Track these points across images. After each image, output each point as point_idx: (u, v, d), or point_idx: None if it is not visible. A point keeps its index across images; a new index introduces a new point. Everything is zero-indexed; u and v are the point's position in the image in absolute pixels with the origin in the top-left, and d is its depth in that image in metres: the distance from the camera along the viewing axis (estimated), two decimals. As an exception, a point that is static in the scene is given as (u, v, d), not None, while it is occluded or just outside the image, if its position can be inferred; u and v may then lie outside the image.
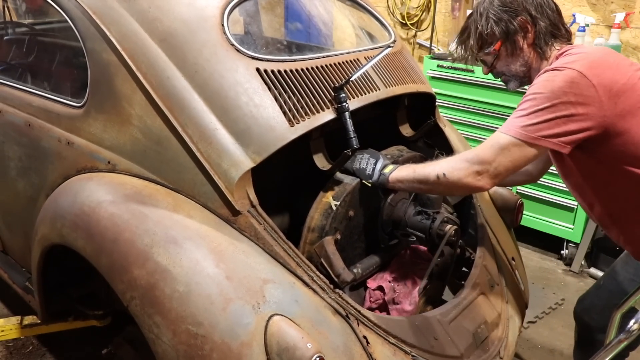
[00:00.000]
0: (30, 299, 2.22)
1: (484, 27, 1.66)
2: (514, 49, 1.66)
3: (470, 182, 1.56)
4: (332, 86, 1.78)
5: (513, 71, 1.70)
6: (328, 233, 1.73)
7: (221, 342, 1.41)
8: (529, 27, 1.64)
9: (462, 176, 1.56)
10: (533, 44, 1.65)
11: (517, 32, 1.64)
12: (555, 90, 1.46)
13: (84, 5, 1.86)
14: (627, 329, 1.56)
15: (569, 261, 3.53)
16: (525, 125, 1.49)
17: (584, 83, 1.45)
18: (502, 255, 2.19)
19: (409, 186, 1.73)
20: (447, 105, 3.79)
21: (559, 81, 1.47)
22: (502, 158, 1.51)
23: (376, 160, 1.79)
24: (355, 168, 1.81)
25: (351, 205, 1.79)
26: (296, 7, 2.55)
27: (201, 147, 1.63)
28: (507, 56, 1.68)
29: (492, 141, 1.54)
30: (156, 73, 1.71)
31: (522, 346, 2.76)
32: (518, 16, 1.63)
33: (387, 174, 1.74)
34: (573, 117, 1.46)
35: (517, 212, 2.31)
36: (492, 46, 1.67)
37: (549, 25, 1.64)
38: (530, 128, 1.48)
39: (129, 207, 1.64)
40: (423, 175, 1.66)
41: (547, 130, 1.47)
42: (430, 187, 1.67)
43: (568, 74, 1.47)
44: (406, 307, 1.84)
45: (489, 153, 1.53)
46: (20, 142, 2.14)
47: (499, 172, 1.53)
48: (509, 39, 1.65)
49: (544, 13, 1.64)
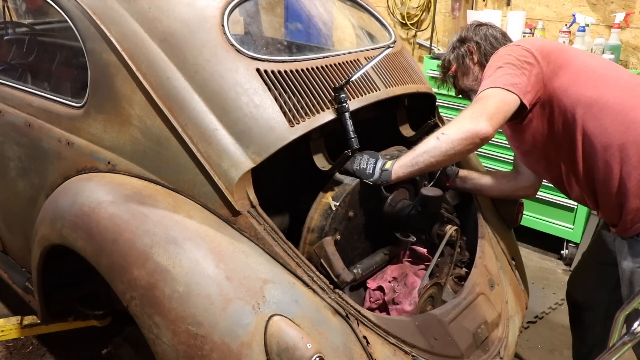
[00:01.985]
0: (30, 299, 2.22)
1: (447, 57, 2.10)
2: (466, 68, 2.05)
3: (469, 127, 1.63)
4: (332, 86, 1.78)
5: (469, 86, 2.05)
6: (328, 233, 1.73)
7: (221, 342, 1.41)
8: (474, 50, 2.02)
9: (460, 126, 1.65)
10: (478, 62, 2.02)
11: (465, 56, 2.04)
12: (503, 56, 1.82)
13: (83, 5, 1.86)
14: (632, 331, 1.55)
15: (569, 261, 3.53)
16: (493, 80, 1.74)
17: (520, 49, 1.82)
18: (502, 255, 2.20)
19: (414, 165, 1.72)
20: (447, 105, 3.79)
21: (502, 52, 1.86)
22: (489, 102, 1.69)
23: (376, 159, 1.79)
24: (355, 169, 1.81)
25: (351, 205, 1.79)
26: (296, 7, 2.55)
27: (201, 148, 1.63)
28: (461, 75, 2.06)
29: (475, 99, 1.76)
30: (156, 73, 1.71)
31: (522, 346, 2.76)
32: (465, 43, 2.04)
33: (389, 168, 1.75)
34: (524, 72, 1.75)
35: (517, 212, 2.32)
36: (451, 69, 2.08)
37: (489, 47, 2.01)
38: (499, 80, 1.73)
39: (129, 207, 1.64)
40: (423, 147, 1.70)
41: (511, 80, 1.72)
42: (433, 156, 1.68)
43: (507, 47, 1.89)
44: (406, 307, 1.84)
45: (477, 103, 1.71)
46: (20, 142, 2.14)
47: (492, 112, 1.66)
48: (461, 62, 2.05)
49: (487, 39, 2.03)
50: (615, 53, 3.41)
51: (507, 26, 3.90)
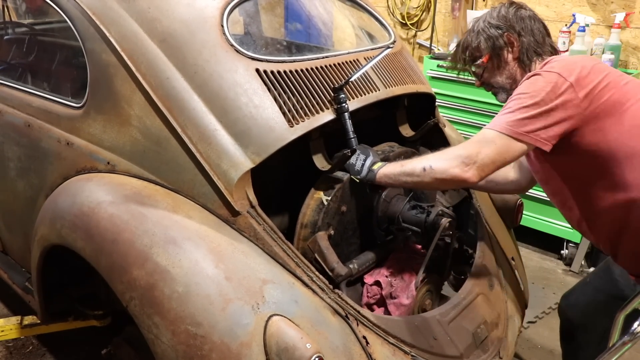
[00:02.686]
0: (30, 299, 2.22)
1: (474, 42, 1.81)
2: (500, 62, 1.79)
3: (456, 173, 1.58)
4: (332, 87, 1.78)
5: (500, 83, 1.81)
6: (321, 228, 1.73)
7: (220, 342, 1.41)
8: (515, 42, 1.76)
9: (448, 167, 1.59)
10: (517, 58, 1.77)
11: (503, 47, 1.77)
12: (537, 89, 1.58)
13: (83, 5, 1.86)
14: (631, 331, 1.55)
15: (569, 261, 3.53)
16: (510, 121, 1.58)
17: (562, 82, 1.57)
18: (502, 255, 2.20)
19: (396, 180, 1.73)
20: (447, 105, 3.79)
21: (540, 81, 1.60)
22: (488, 150, 1.57)
23: (366, 156, 1.80)
24: (345, 164, 1.81)
25: (343, 200, 1.79)
26: (296, 7, 2.55)
27: (201, 148, 1.63)
28: (493, 69, 1.80)
29: (478, 136, 1.62)
30: (156, 74, 1.71)
31: (522, 346, 2.76)
32: (505, 32, 1.76)
33: (376, 170, 1.76)
34: (552, 112, 1.56)
35: (517, 212, 2.32)
36: (481, 59, 1.80)
37: (533, 42, 1.76)
38: (515, 123, 1.57)
39: (129, 207, 1.64)
40: (410, 169, 1.68)
41: (530, 125, 1.56)
42: (416, 180, 1.68)
43: (548, 74, 1.60)
44: (404, 301, 1.84)
45: (476, 146, 1.60)
46: (20, 142, 2.14)
47: (485, 164, 1.58)
48: (495, 53, 1.78)
49: (530, 31, 1.77)
50: (615, 53, 3.41)
51: (507, 26, 3.89)
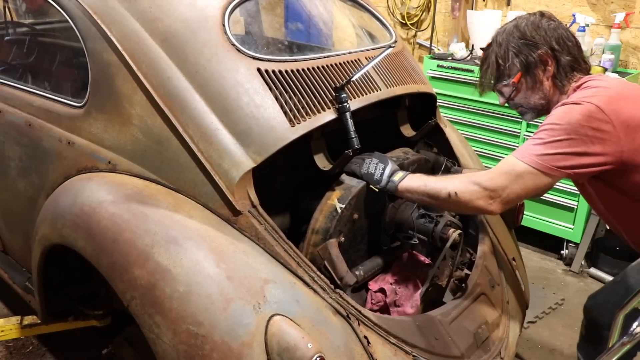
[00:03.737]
0: (30, 299, 2.22)
1: (503, 59, 1.64)
2: (534, 82, 1.63)
3: (481, 205, 1.56)
4: (333, 86, 1.77)
5: (532, 104, 1.68)
6: (332, 235, 1.73)
7: (221, 342, 1.41)
8: (550, 61, 1.60)
9: (474, 199, 1.56)
10: (553, 77, 1.62)
11: (537, 66, 1.61)
12: (572, 123, 1.46)
13: (84, 5, 1.86)
14: (631, 332, 1.55)
15: (569, 261, 3.53)
16: (541, 154, 1.48)
17: (602, 118, 1.45)
18: (503, 255, 2.19)
19: (418, 198, 1.72)
20: (447, 105, 3.79)
21: (576, 114, 1.46)
22: (516, 186, 1.51)
23: (384, 165, 1.77)
24: (363, 172, 1.80)
25: (356, 208, 1.79)
26: (297, 7, 2.55)
27: (202, 147, 1.62)
28: (526, 89, 1.65)
29: (506, 166, 1.53)
30: (157, 73, 1.71)
31: (522, 346, 2.76)
32: (539, 49, 1.60)
33: (397, 181, 1.72)
34: (589, 153, 1.46)
35: (518, 213, 2.31)
36: (511, 78, 1.64)
37: (570, 60, 1.61)
38: (547, 158, 1.47)
39: (130, 207, 1.63)
40: (434, 191, 1.64)
41: (562, 162, 1.47)
42: (439, 203, 1.67)
43: (586, 107, 1.46)
44: (407, 310, 1.84)
45: (503, 179, 1.52)
46: (21, 142, 2.13)
47: (511, 199, 1.54)
48: (529, 72, 1.62)
49: (565, 47, 1.61)
50: (615, 53, 3.41)
51: (507, 26, 3.89)
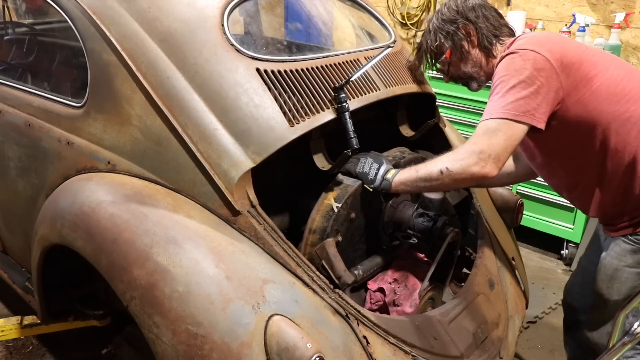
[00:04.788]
0: (30, 299, 2.22)
1: (433, 41, 1.85)
2: (462, 53, 1.83)
3: (476, 170, 1.58)
4: (332, 86, 1.77)
5: (468, 73, 1.86)
6: (329, 235, 1.73)
7: (221, 342, 1.41)
8: (472, 32, 1.81)
9: (466, 165, 1.59)
10: (479, 45, 1.82)
11: (462, 38, 1.82)
12: (518, 69, 1.62)
13: (83, 5, 1.86)
14: (631, 332, 1.55)
15: (569, 261, 3.53)
16: (503, 105, 1.60)
17: (539, 58, 1.61)
18: (503, 255, 2.20)
19: (413, 186, 1.73)
20: (447, 105, 3.79)
21: (518, 61, 1.63)
22: (497, 139, 1.58)
23: (379, 165, 1.78)
24: (358, 171, 1.81)
25: (353, 207, 1.79)
26: (296, 7, 2.55)
27: (201, 147, 1.63)
28: (458, 61, 1.85)
29: (481, 129, 1.62)
30: (156, 73, 1.71)
31: (522, 346, 2.76)
32: (458, 23, 1.81)
33: (390, 179, 1.74)
34: (540, 90, 1.60)
35: (517, 212, 2.31)
36: (443, 55, 1.84)
37: (490, 26, 1.82)
38: (510, 106, 1.59)
39: (129, 207, 1.64)
40: (426, 174, 1.67)
41: (524, 105, 1.59)
42: (434, 184, 1.67)
43: (524, 53, 1.64)
44: (407, 309, 1.84)
45: (484, 139, 1.60)
46: (20, 142, 2.13)
47: (499, 153, 1.59)
48: (456, 46, 1.83)
49: (482, 15, 1.82)
50: (615, 53, 3.41)
51: (507, 26, 3.89)
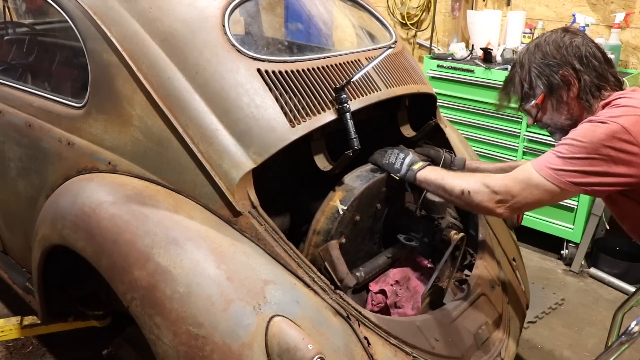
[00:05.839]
0: (30, 299, 2.22)
1: (526, 80, 1.63)
2: (559, 103, 1.61)
3: (490, 207, 1.57)
4: (333, 87, 1.77)
5: (558, 124, 1.65)
6: (333, 237, 1.73)
7: (222, 343, 1.41)
8: (573, 81, 1.57)
9: (484, 200, 1.56)
10: (578, 97, 1.58)
11: (561, 86, 1.58)
12: (594, 142, 1.43)
13: (84, 5, 1.86)
14: (629, 331, 1.55)
15: (569, 261, 3.53)
16: (558, 169, 1.46)
17: (627, 139, 1.42)
18: (503, 255, 2.20)
19: (433, 190, 1.75)
20: (447, 105, 3.79)
21: (600, 133, 1.43)
22: (529, 195, 1.50)
23: (405, 155, 1.82)
24: (384, 162, 1.84)
25: (358, 209, 1.79)
26: (296, 7, 2.55)
27: (202, 148, 1.62)
28: (551, 110, 1.63)
29: (523, 175, 1.52)
30: (157, 73, 1.70)
31: (522, 346, 2.76)
32: (561, 70, 1.57)
33: (416, 170, 1.76)
34: (610, 173, 1.44)
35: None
36: (535, 99, 1.63)
37: (595, 78, 1.57)
38: (563, 173, 1.46)
39: (130, 208, 1.63)
40: (449, 186, 1.66)
41: (579, 179, 1.45)
42: (451, 199, 1.69)
43: (611, 127, 1.43)
44: (408, 312, 1.84)
45: (517, 187, 1.52)
46: (21, 142, 2.13)
47: (520, 207, 1.54)
48: (552, 93, 1.60)
49: (589, 65, 1.57)
50: (615, 53, 3.41)
51: (507, 26, 3.89)
